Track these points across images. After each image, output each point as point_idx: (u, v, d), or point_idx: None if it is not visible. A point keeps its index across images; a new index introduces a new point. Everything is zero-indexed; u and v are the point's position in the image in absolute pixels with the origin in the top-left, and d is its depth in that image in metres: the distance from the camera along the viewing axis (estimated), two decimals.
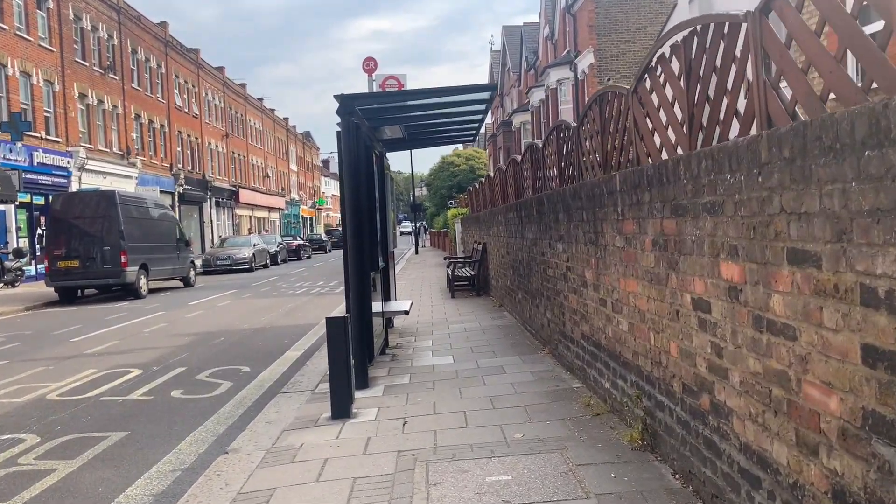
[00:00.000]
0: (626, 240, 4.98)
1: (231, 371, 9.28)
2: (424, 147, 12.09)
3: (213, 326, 13.72)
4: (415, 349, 9.41)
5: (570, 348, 7.10)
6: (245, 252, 32.44)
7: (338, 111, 7.17)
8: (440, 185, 54.72)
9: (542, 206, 8.29)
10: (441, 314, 13.05)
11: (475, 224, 19.15)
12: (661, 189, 4.17)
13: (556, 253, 7.54)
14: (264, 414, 6.65)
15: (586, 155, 7.06)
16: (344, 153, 7.13)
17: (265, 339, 11.96)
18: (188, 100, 46.13)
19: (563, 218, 7.16)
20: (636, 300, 4.82)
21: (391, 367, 8.23)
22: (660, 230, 4.24)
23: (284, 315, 15.16)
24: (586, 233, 6.15)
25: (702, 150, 3.55)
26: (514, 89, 51.06)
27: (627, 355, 5.12)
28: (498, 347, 9.10)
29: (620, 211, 5.06)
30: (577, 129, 7.34)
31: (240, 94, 58.09)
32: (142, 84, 38.84)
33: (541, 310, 8.81)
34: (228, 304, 17.97)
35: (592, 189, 5.88)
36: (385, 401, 6.67)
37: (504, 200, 13.94)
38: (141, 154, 37.50)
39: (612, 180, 5.24)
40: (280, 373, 9.01)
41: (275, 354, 10.34)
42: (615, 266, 5.28)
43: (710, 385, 3.65)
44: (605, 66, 28.06)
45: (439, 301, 15.36)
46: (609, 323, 5.56)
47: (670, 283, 4.13)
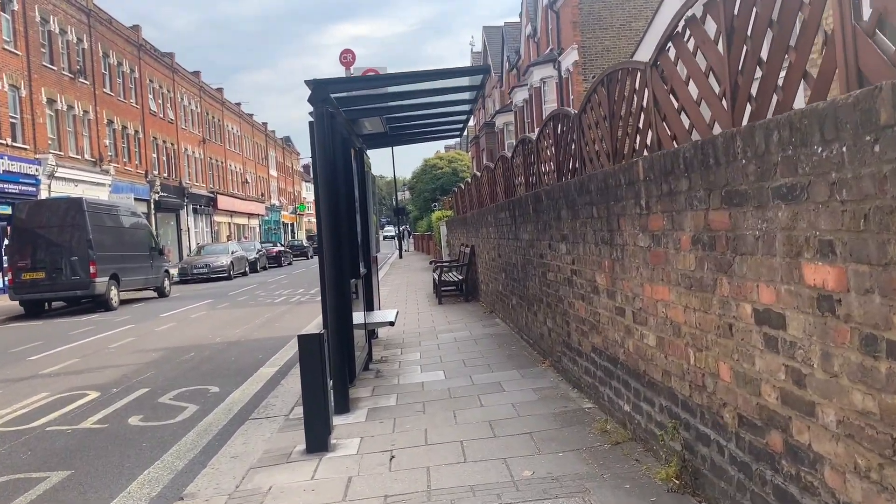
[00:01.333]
0: (652, 238, 4.17)
1: (198, 392, 8.38)
2: (408, 143, 11.29)
3: (184, 340, 12.79)
4: (402, 363, 8.57)
5: (578, 362, 6.29)
6: (223, 260, 31.39)
7: (310, 98, 6.33)
8: (423, 188, 53.82)
9: (540, 203, 7.49)
10: (429, 322, 12.21)
11: (461, 226, 18.33)
12: (706, 174, 3.36)
13: (559, 255, 6.73)
14: (230, 446, 5.78)
15: (590, 144, 6.26)
16: (317, 146, 6.29)
17: (238, 353, 11.05)
18: (163, 105, 44.97)
19: (566, 215, 6.35)
20: (668, 310, 4.01)
21: (375, 386, 7.37)
22: (703, 225, 3.44)
23: (261, 326, 14.25)
24: (597, 231, 5.34)
25: (773, 119, 2.75)
26: (496, 90, 50.35)
27: (655, 375, 4.31)
28: (493, 360, 8.27)
29: (644, 204, 4.26)
30: (579, 117, 6.55)
31: (217, 98, 56.93)
32: (114, 89, 37.69)
33: (539, 318, 8.00)
34: (202, 316, 17.02)
35: (605, 180, 5.08)
36: (369, 428, 5.82)
37: (493, 200, 13.13)
38: (114, 161, 36.32)
39: (633, 168, 4.43)
40: (252, 393, 8.13)
41: (247, 371, 9.45)
42: (637, 269, 4.48)
43: (783, 421, 2.84)
44: (590, 62, 27.35)
45: (426, 308, 14.52)
46: (629, 336, 4.76)
47: (720, 291, 3.33)
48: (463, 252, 16.75)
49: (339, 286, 6.33)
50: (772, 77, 3.30)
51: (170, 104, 46.16)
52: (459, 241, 19.08)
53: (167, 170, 44.28)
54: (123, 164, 37.71)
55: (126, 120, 38.61)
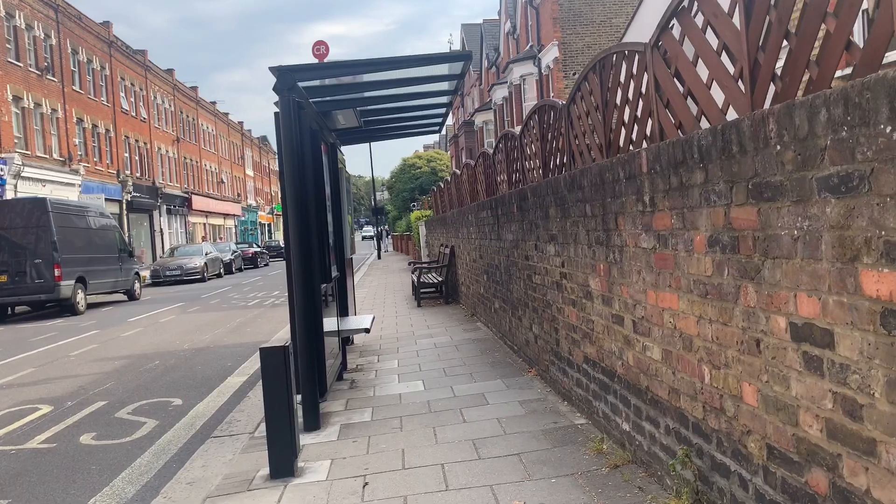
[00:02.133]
0: (657, 238, 3.69)
1: (159, 405, 7.80)
2: (385, 139, 10.71)
3: (150, 347, 12.15)
4: (378, 372, 8.04)
5: (568, 373, 5.81)
6: (196, 261, 30.62)
7: (275, 87, 5.79)
8: (402, 188, 53.22)
9: (525, 201, 7.00)
10: (407, 327, 11.69)
11: (441, 226, 17.82)
12: (728, 163, 2.88)
13: (546, 256, 6.25)
14: (187, 470, 5.23)
15: (580, 137, 5.79)
16: (283, 138, 5.74)
17: (206, 361, 10.46)
18: (135, 103, 43.95)
19: (554, 214, 5.87)
20: (676, 320, 3.53)
21: (349, 399, 6.84)
22: (724, 223, 2.96)
23: (232, 331, 13.63)
24: (591, 231, 4.86)
25: (820, 95, 2.27)
26: (475, 88, 49.93)
27: (660, 392, 3.83)
28: (475, 368, 7.77)
29: (648, 200, 3.78)
30: (567, 108, 6.07)
31: (191, 97, 55.90)
32: (84, 86, 36.70)
33: (524, 323, 7.52)
34: (172, 320, 16.35)
35: (601, 175, 4.59)
36: (341, 448, 5.29)
37: (474, 199, 12.65)
38: (84, 160, 35.35)
39: (635, 160, 3.95)
40: (218, 406, 7.57)
41: (214, 381, 8.88)
42: (639, 273, 4.00)
43: (829, 458, 2.37)
44: (570, 59, 26.98)
45: (405, 311, 13.99)
46: (629, 347, 4.28)
47: (744, 300, 2.85)
48: (443, 253, 16.24)
49: (307, 291, 5.79)
50: (803, 51, 2.83)
51: (142, 102, 45.15)
52: (439, 242, 18.58)
53: (140, 170, 43.29)
54: (94, 163, 36.73)
55: (96, 118, 37.63)
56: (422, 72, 6.43)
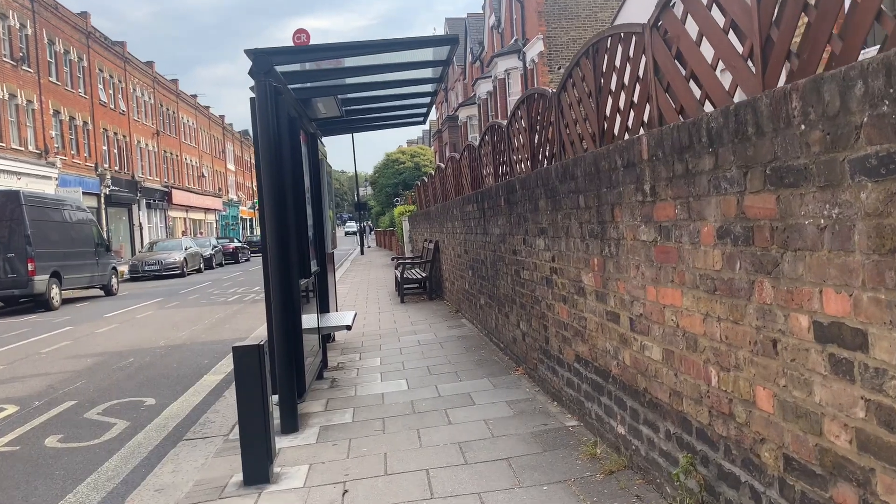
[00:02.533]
0: (659, 230, 3.44)
1: (131, 405, 7.48)
2: (367, 129, 10.30)
3: (125, 344, 11.79)
4: (360, 371, 7.76)
5: (558, 372, 5.56)
6: (176, 256, 30.13)
7: (251, 71, 5.48)
8: (385, 183, 52.89)
9: (513, 193, 6.74)
10: (390, 323, 11.41)
11: (425, 220, 17.54)
12: (742, 147, 2.64)
13: (535, 251, 5.99)
14: (156, 475, 4.94)
15: (571, 125, 5.53)
16: (259, 125, 5.44)
17: (182, 359, 10.12)
18: (114, 95, 43.21)
19: (544, 206, 5.61)
20: (680, 318, 3.29)
21: (330, 399, 6.56)
22: (736, 213, 2.72)
23: (210, 328, 13.28)
24: (585, 223, 4.61)
25: (856, 65, 2.02)
26: (458, 83, 49.61)
27: (660, 395, 3.59)
28: (461, 366, 7.51)
29: (649, 189, 3.53)
30: (558, 96, 5.81)
31: (171, 90, 55.13)
32: (61, 78, 35.99)
33: (511, 320, 7.27)
34: (149, 316, 15.95)
35: (595, 164, 4.34)
36: (320, 452, 5.01)
37: (458, 192, 12.38)
38: (61, 153, 34.68)
39: (635, 147, 3.70)
40: (192, 405, 7.27)
41: (190, 380, 8.56)
42: (638, 268, 3.75)
43: (860, 473, 2.13)
44: (555, 53, 26.75)
45: (388, 307, 13.71)
46: (625, 346, 4.03)
47: (759, 296, 2.61)
48: (426, 248, 15.97)
49: (285, 287, 5.50)
50: (824, 24, 2.59)
51: (121, 95, 44.41)
52: (423, 237, 18.30)
53: (119, 163, 42.58)
54: (71, 156, 36.05)
55: (74, 110, 36.92)
56: (406, 57, 6.14)
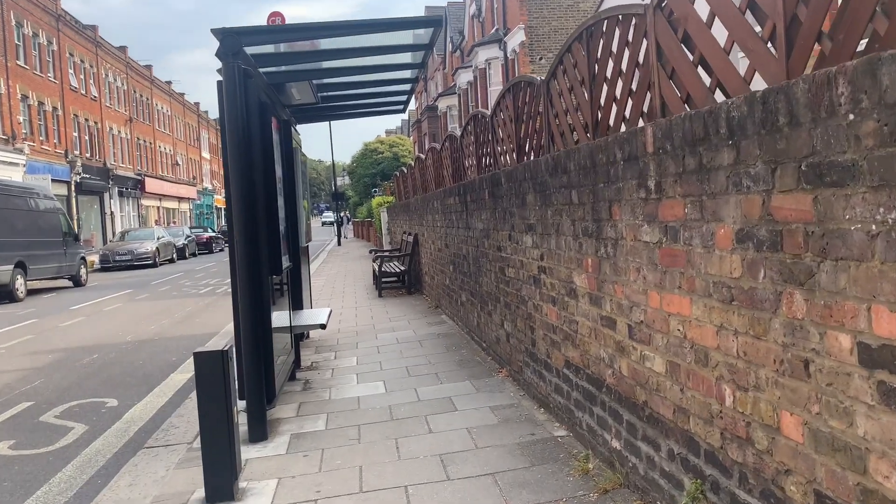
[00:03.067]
0: (665, 231, 3.12)
1: (92, 406, 7.07)
2: (345, 117, 9.83)
3: (89, 339, 11.31)
4: (335, 371, 7.39)
5: (545, 377, 5.25)
6: (147, 246, 29.45)
7: (218, 52, 5.08)
8: (363, 173, 52.42)
9: (498, 186, 6.40)
10: (367, 318, 11.04)
11: (404, 212, 17.16)
12: (770, 139, 2.31)
13: (522, 248, 5.66)
14: (111, 489, 4.55)
15: (561, 115, 5.20)
16: (227, 110, 5.04)
17: (149, 355, 9.69)
18: (85, 81, 42.17)
19: (533, 201, 5.28)
20: (687, 328, 2.97)
21: (302, 403, 6.20)
22: (761, 214, 2.39)
23: (180, 321, 12.82)
24: (578, 221, 4.28)
25: None
26: (438, 73, 49.16)
27: (662, 410, 3.28)
28: (441, 367, 7.17)
29: (654, 186, 3.20)
30: (546, 84, 5.48)
31: (145, 76, 54.03)
32: (29, 62, 34.99)
33: (495, 319, 6.94)
34: (117, 309, 15.43)
35: (591, 157, 4.01)
36: (290, 464, 4.65)
37: (439, 185, 12.02)
38: (30, 139, 33.76)
39: (638, 138, 3.37)
40: (157, 408, 6.87)
41: (156, 378, 8.14)
42: (639, 271, 3.43)
43: None
44: (537, 44, 26.43)
45: (365, 301, 13.33)
46: (623, 355, 3.71)
47: (787, 309, 2.29)
48: (405, 241, 15.60)
49: (253, 284, 5.12)
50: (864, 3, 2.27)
51: (93, 80, 43.36)
52: (402, 229, 17.93)
53: (90, 150, 41.62)
54: (40, 142, 35.11)
55: (43, 95, 35.95)
56: (386, 39, 5.77)
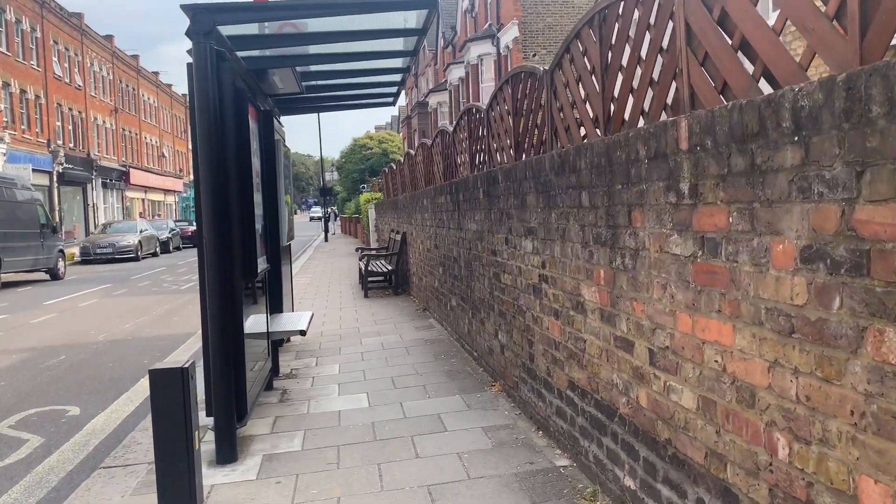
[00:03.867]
0: (702, 243, 2.64)
1: (52, 415, 6.54)
2: (332, 109, 9.40)
3: (60, 337, 10.74)
4: (315, 381, 6.89)
5: (545, 396, 4.77)
6: (130, 239, 28.75)
7: (189, 31, 4.56)
8: (352, 169, 51.79)
9: (495, 185, 5.92)
10: (352, 321, 10.53)
11: (392, 210, 16.65)
12: (856, 133, 1.83)
13: (521, 253, 5.18)
14: None
15: (566, 108, 4.72)
16: (197, 96, 4.53)
17: (121, 356, 9.14)
18: (70, 69, 41.35)
19: (534, 202, 4.79)
20: (728, 360, 2.50)
21: (278, 417, 5.69)
22: (838, 228, 1.92)
23: (158, 319, 12.26)
24: (588, 226, 3.80)
25: None
26: (429, 68, 48.62)
27: (691, 452, 2.80)
28: (430, 378, 6.68)
29: (689, 189, 2.72)
30: (550, 75, 5.00)
31: (132, 66, 53.16)
32: (12, 48, 34.19)
33: (488, 328, 6.46)
34: (93, 305, 14.84)
35: (608, 154, 3.53)
36: (260, 492, 4.15)
37: (429, 182, 11.53)
38: (11, 127, 32.98)
39: (668, 133, 2.89)
40: (121, 418, 6.35)
41: (124, 383, 7.61)
42: (665, 288, 2.95)
43: None
44: (530, 40, 25.96)
45: (350, 301, 12.82)
46: (641, 383, 3.24)
47: (873, 350, 1.82)
48: (393, 239, 15.09)
49: (224, 290, 4.60)
50: None
51: (77, 69, 42.55)
52: (389, 227, 17.42)
53: (73, 140, 40.83)
54: (21, 131, 34.33)
55: (25, 83, 35.16)
56: (376, 22, 5.27)
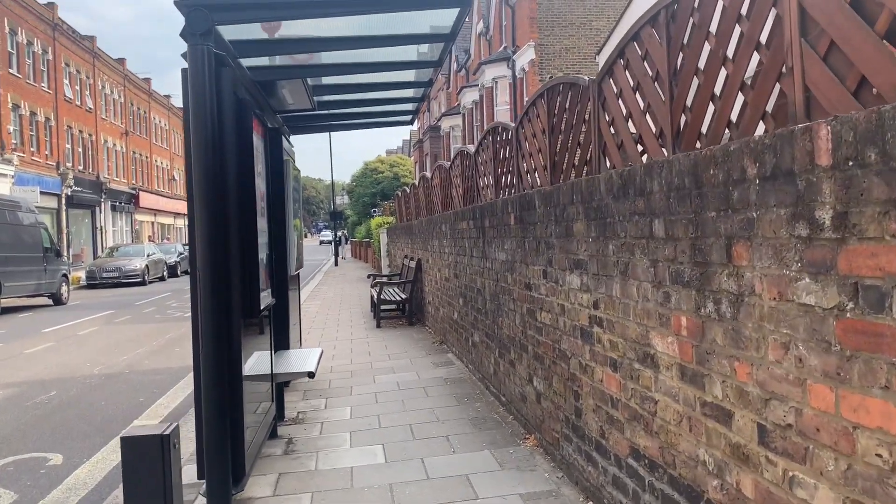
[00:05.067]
0: (853, 292, 1.94)
1: (31, 464, 5.85)
2: (346, 128, 8.56)
3: (52, 370, 10.07)
4: (324, 427, 6.17)
5: (596, 461, 4.04)
6: (137, 263, 28.19)
7: (183, 32, 3.93)
8: (362, 193, 51.32)
9: (529, 210, 5.23)
10: (364, 355, 9.81)
11: (406, 235, 15.99)
12: None
13: (565, 290, 4.47)
14: None
15: (619, 122, 4.04)
16: (192, 107, 3.88)
17: (115, 393, 8.45)
18: (81, 91, 41.15)
19: (583, 231, 4.11)
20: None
21: (282, 474, 4.97)
22: None
23: (158, 350, 11.58)
24: (663, 262, 3.10)
25: None
26: (441, 92, 48.24)
27: None
28: (453, 427, 5.94)
29: (832, 218, 2.02)
30: (598, 85, 4.34)
31: (143, 88, 53.06)
32: (22, 70, 33.97)
33: (519, 371, 5.74)
34: (92, 333, 14.18)
35: (694, 173, 2.84)
36: None
37: (446, 207, 10.87)
38: (20, 150, 32.64)
39: (797, 144, 2.19)
40: (107, 469, 5.67)
41: (115, 426, 6.93)
42: (787, 347, 2.24)
43: None
44: (547, 62, 25.42)
45: (362, 332, 12.11)
46: (745, 466, 2.52)
47: None
48: (407, 266, 14.41)
49: (219, 332, 3.92)
50: None
51: (88, 91, 42.36)
52: (402, 253, 16.75)
53: (83, 162, 40.50)
54: (31, 153, 33.98)
55: (36, 105, 34.90)
56: (398, 25, 4.62)
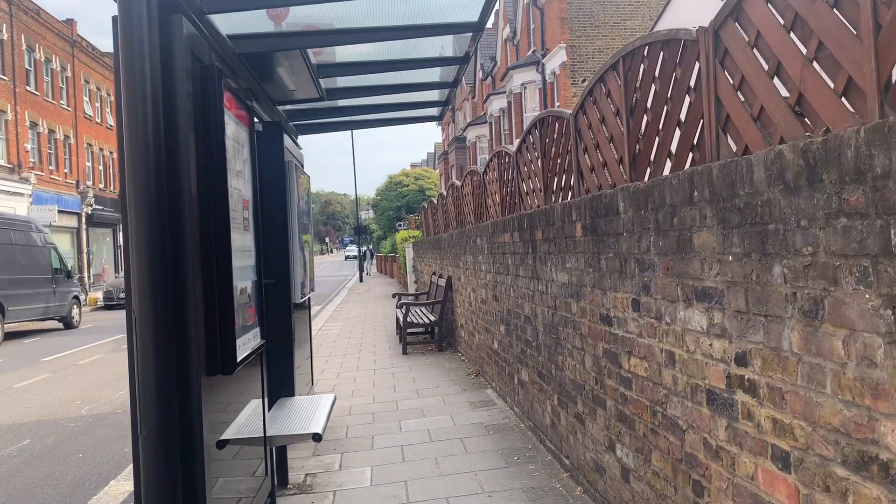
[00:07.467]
0: None
1: None
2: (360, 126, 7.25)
3: (35, 410, 8.85)
4: (337, 498, 4.81)
5: None
6: None
7: None
8: (387, 207, 50.21)
9: (608, 217, 3.86)
10: (388, 389, 8.46)
11: (434, 249, 14.66)
12: None
13: (676, 330, 3.09)
14: None
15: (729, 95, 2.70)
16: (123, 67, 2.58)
17: (97, 441, 7.19)
18: (101, 109, 40.57)
19: (715, 243, 2.73)
20: None
21: None
22: None
23: None
24: None
25: None
26: (467, 102, 47.06)
27: None
28: (502, 499, 4.56)
29: None
30: (714, 33, 3.01)
31: None
32: (40, 88, 33.34)
33: (592, 430, 4.35)
34: (94, 362, 12.99)
35: None
36: None
37: (480, 218, 9.53)
38: (38, 168, 31.95)
39: None
40: None
41: (89, 487, 5.68)
42: None
43: None
44: (579, 64, 24.08)
45: (386, 360, 10.76)
46: None
47: None
48: (436, 284, 13.07)
49: (168, 404, 2.59)
50: None
51: (109, 108, 41.77)
52: (430, 269, 15.42)
53: (104, 180, 39.85)
54: (49, 172, 33.29)
55: (54, 123, 34.24)
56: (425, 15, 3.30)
